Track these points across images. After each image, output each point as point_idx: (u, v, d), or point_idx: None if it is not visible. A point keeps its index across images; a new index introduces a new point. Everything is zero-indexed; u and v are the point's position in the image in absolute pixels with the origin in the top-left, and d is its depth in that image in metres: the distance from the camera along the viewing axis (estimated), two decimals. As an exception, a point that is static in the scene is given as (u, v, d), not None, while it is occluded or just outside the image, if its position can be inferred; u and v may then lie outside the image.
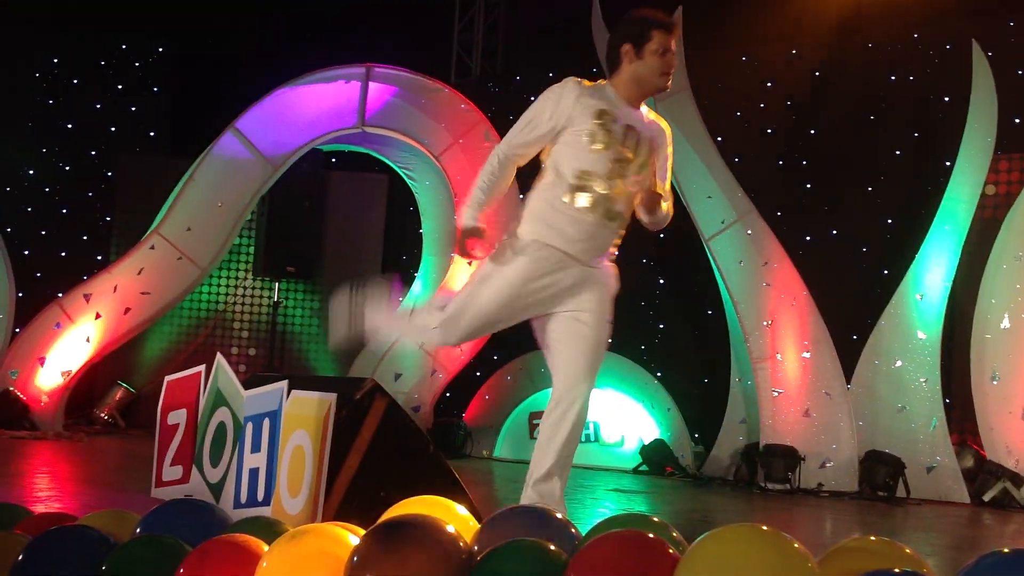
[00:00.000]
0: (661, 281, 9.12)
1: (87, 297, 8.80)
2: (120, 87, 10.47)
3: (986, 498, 6.87)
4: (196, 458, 4.05)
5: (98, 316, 8.77)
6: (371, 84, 9.37)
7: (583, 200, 3.86)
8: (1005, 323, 7.07)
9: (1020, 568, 2.08)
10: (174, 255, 8.95)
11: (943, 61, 8.01)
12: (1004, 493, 6.80)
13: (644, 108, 4.02)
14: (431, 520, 2.56)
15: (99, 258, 9.97)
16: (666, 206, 3.98)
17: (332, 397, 3.42)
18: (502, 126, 9.43)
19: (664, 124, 4.05)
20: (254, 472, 3.64)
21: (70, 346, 8.71)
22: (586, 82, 3.95)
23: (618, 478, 7.81)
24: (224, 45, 10.31)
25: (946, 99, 7.90)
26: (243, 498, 3.67)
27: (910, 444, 7.24)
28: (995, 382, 7.04)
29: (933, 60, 8.09)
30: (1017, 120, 7.55)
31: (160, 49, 10.53)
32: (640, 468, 8.36)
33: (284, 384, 3.59)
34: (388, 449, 3.58)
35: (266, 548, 2.38)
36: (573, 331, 3.87)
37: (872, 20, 8.56)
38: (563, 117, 3.86)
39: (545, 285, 3.86)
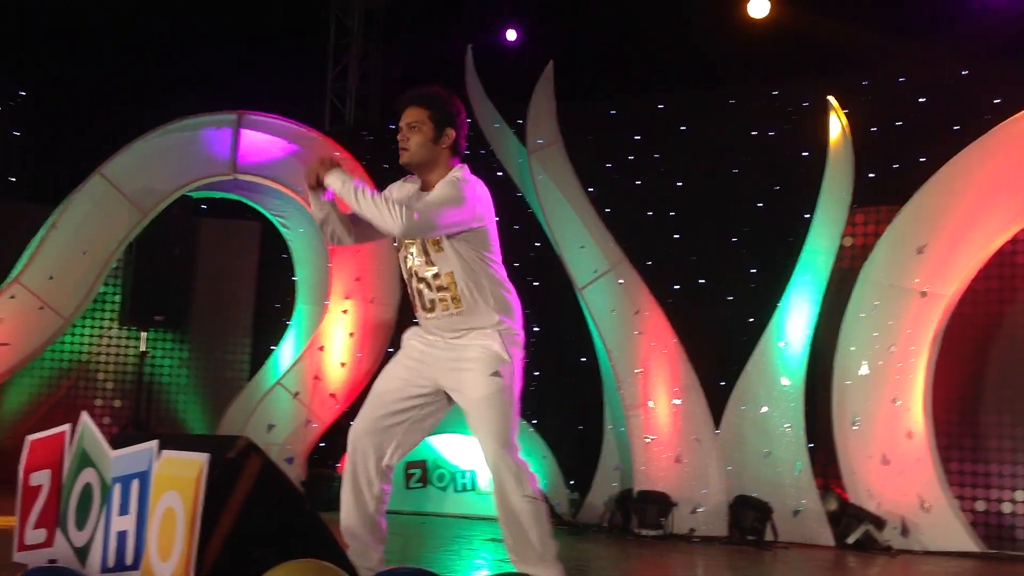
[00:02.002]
0: (536, 329, 9.20)
1: (-59, 349, 8.42)
2: (-22, 131, 10.12)
3: (850, 541, 7.09)
4: (60, 521, 3.90)
5: (-48, 369, 8.39)
6: (243, 131, 9.26)
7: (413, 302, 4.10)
8: (864, 370, 7.35)
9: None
10: (35, 304, 8.63)
11: (801, 117, 8.35)
12: (866, 536, 7.03)
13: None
14: (310, 585, 2.54)
15: (-47, 308, 9.54)
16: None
17: (204, 457, 3.34)
18: (376, 174, 9.44)
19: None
20: (122, 535, 3.53)
21: (-79, 400, 8.32)
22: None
23: (495, 527, 7.80)
24: (91, 89, 10.05)
25: (804, 154, 8.23)
26: (111, 562, 3.56)
27: (777, 488, 7.44)
28: (855, 427, 7.30)
29: (791, 116, 8.43)
30: (872, 175, 7.91)
31: (22, 92, 10.21)
32: (515, 516, 8.35)
33: (154, 444, 3.50)
34: (263, 509, 3.52)
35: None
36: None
37: (733, 77, 8.90)
38: None
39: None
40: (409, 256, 4.03)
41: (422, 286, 4.00)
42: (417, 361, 4.05)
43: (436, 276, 3.96)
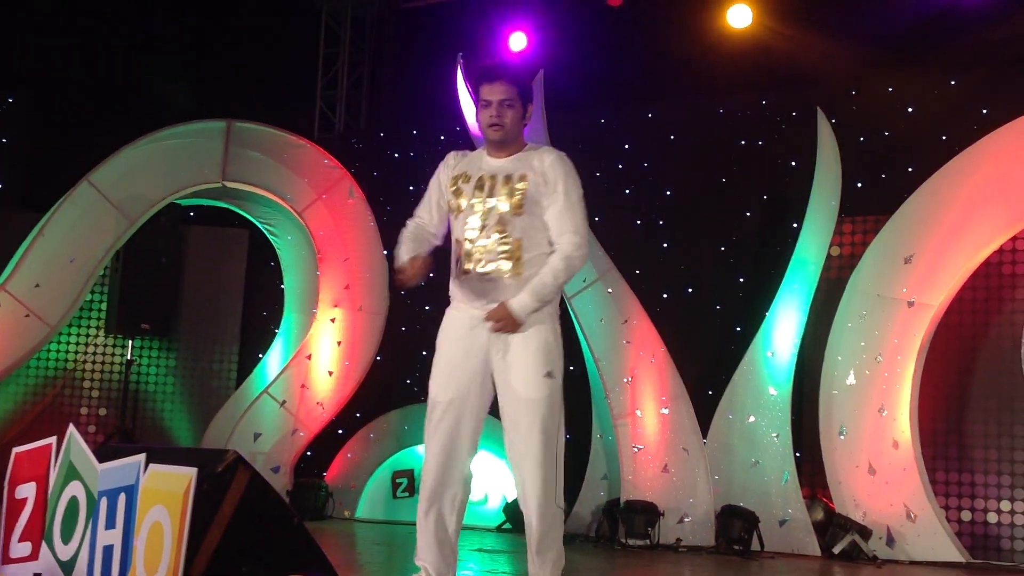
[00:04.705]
0: (523, 338, 9.18)
1: (-75, 357, 8.38)
2: (-35, 138, 10.07)
3: (836, 551, 7.09)
4: (46, 534, 3.88)
5: (-63, 376, 8.36)
6: (232, 138, 9.26)
7: (460, 262, 4.02)
8: (851, 379, 7.37)
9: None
10: (21, 312, 8.61)
11: (789, 127, 8.38)
12: (853, 546, 7.04)
13: (527, 151, 4.03)
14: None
15: (-61, 315, 9.49)
16: (561, 247, 3.93)
17: (192, 471, 3.33)
18: (366, 182, 9.46)
19: (544, 155, 4.00)
20: (108, 549, 3.51)
21: (-95, 408, 8.28)
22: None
23: (482, 537, 7.81)
24: (79, 96, 10.02)
25: (793, 163, 8.25)
26: (96, 577, 3.54)
27: (763, 498, 7.45)
28: (842, 437, 7.32)
29: (780, 126, 8.46)
30: (859, 184, 7.93)
31: (10, 99, 10.17)
32: (504, 526, 8.37)
33: (141, 458, 3.48)
34: (251, 523, 3.50)
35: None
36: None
37: (722, 87, 8.91)
38: (442, 190, 4.15)
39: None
40: (470, 217, 3.97)
41: (479, 246, 3.94)
42: (465, 353, 3.99)
43: (504, 238, 3.92)
